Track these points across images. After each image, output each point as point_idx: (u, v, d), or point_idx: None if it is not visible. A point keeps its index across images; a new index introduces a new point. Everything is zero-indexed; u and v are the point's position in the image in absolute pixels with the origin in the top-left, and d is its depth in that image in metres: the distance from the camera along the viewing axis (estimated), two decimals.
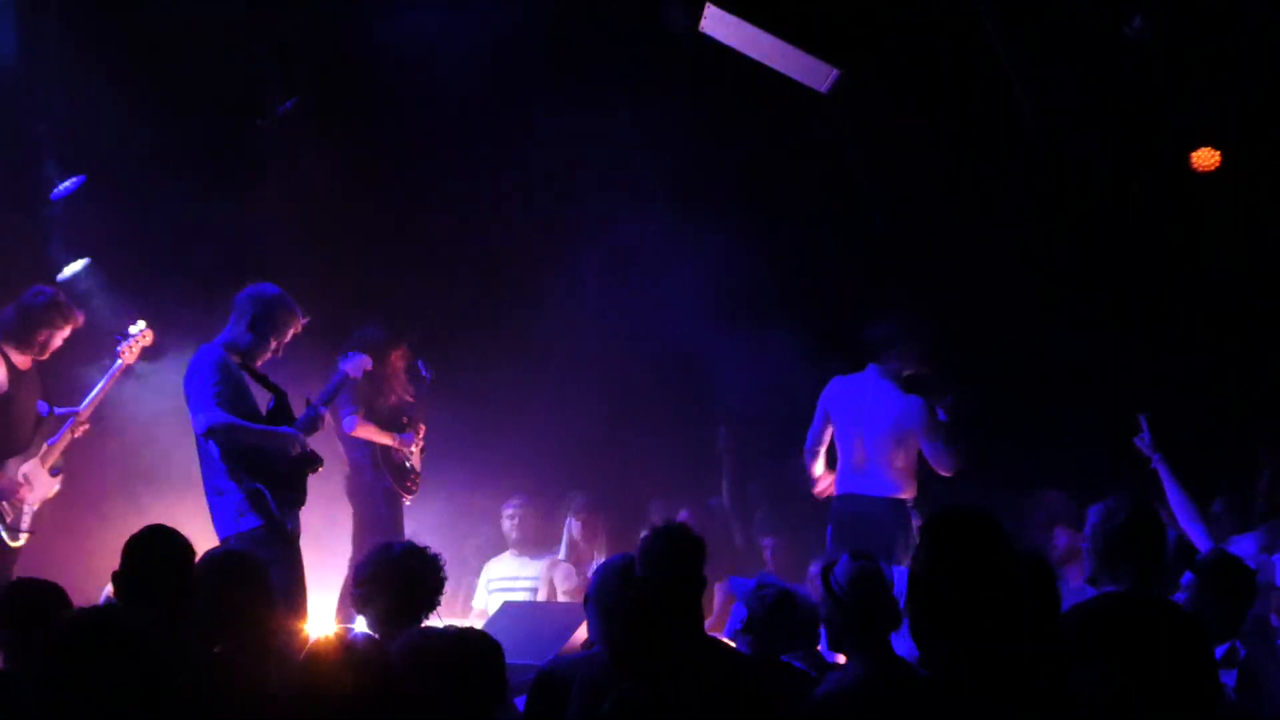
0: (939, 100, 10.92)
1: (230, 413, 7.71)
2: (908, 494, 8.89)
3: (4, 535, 7.97)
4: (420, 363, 9.80)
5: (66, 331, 8.37)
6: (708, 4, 10.02)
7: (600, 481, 10.45)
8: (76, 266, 9.94)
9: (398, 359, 9.64)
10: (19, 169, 10.05)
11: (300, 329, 8.03)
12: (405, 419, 9.70)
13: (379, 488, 9.48)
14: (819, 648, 6.24)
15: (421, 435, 9.74)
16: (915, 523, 8.68)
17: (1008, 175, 11.24)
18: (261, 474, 7.77)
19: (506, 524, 10.48)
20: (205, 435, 7.71)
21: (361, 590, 5.92)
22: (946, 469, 8.88)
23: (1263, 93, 10.38)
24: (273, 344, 7.98)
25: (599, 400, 10.42)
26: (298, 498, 7.92)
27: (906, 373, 9.02)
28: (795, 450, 9.27)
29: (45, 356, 8.36)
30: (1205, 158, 10.76)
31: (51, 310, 8.26)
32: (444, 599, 6.02)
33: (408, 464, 9.63)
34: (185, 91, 10.10)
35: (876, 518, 8.71)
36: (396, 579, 5.86)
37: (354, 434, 9.43)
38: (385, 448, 9.52)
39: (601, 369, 9.64)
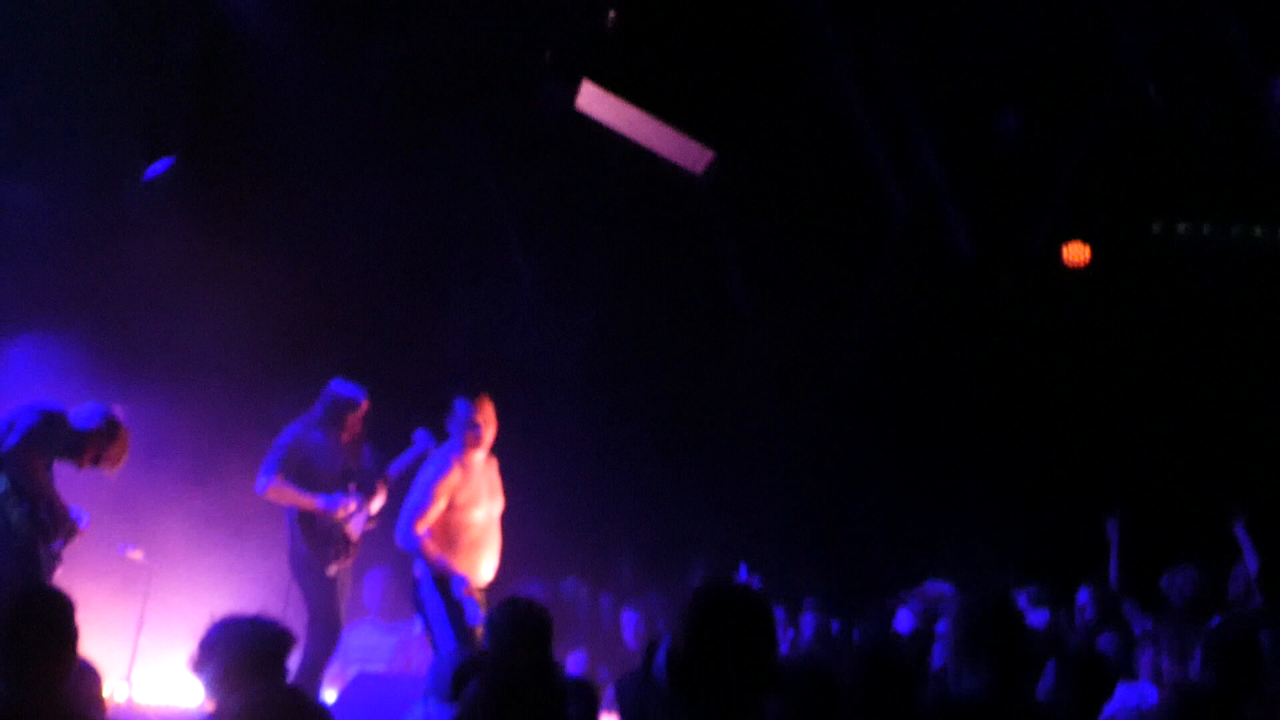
0: (811, 188, 11.00)
1: None
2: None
3: None
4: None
5: None
6: (584, 81, 10.11)
7: None
8: None
9: (355, 422, 9.30)
10: None
11: None
12: (352, 485, 8.99)
13: (297, 554, 8.91)
14: None
15: (367, 503, 8.94)
16: None
17: (877, 266, 11.35)
18: None
19: (367, 593, 10.28)
20: None
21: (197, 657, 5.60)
22: None
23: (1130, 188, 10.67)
24: None
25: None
26: None
27: None
28: None
29: None
30: (1076, 253, 10.97)
31: None
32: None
33: (336, 531, 8.87)
34: (54, 158, 9.97)
35: None
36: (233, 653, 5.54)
37: (264, 495, 8.80)
38: (307, 513, 8.81)
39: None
